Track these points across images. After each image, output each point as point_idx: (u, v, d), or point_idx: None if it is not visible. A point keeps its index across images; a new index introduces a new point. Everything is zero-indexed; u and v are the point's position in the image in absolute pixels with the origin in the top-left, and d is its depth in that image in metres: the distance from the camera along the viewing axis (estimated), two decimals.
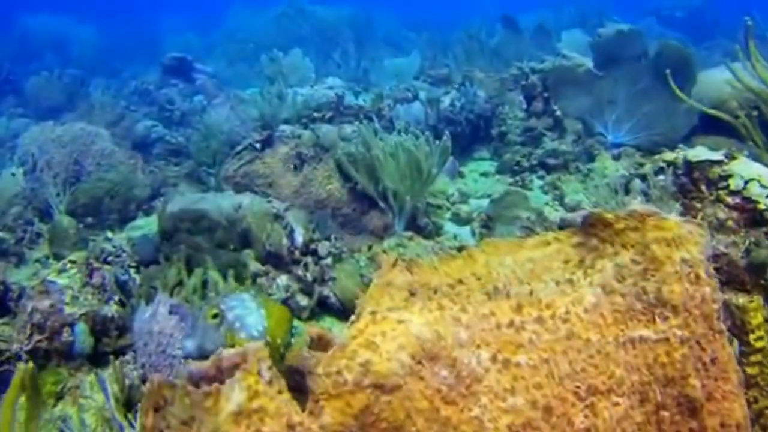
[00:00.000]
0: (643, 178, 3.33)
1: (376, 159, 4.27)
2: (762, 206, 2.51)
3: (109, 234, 4.68)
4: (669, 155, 2.99)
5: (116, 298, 3.37)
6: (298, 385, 1.38)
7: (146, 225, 5.28)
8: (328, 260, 3.71)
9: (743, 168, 2.62)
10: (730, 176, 2.63)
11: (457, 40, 8.40)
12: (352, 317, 1.43)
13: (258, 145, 4.69)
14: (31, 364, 2.96)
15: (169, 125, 7.35)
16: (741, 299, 2.37)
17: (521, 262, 1.71)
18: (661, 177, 2.99)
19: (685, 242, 1.61)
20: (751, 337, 2.29)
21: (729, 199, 2.62)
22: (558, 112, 5.40)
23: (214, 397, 1.21)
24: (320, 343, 2.11)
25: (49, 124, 6.18)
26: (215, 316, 1.62)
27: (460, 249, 4.23)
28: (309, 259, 3.71)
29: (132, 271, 3.87)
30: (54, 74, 9.06)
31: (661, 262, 1.59)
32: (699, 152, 2.78)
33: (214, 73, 9.40)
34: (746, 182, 2.56)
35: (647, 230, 1.62)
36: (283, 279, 3.69)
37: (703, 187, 2.76)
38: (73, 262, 3.36)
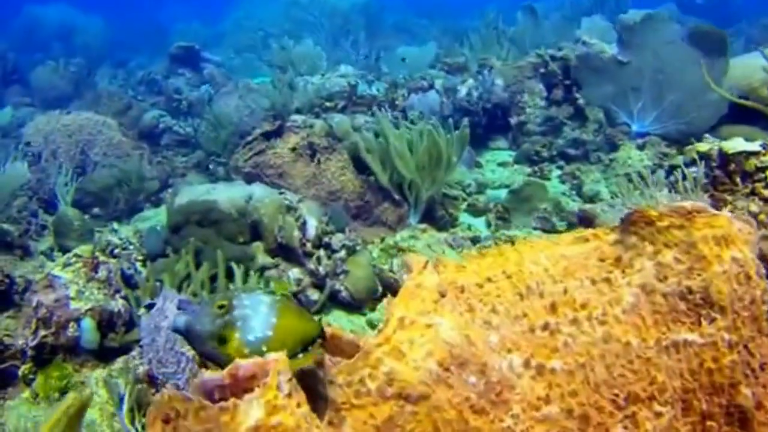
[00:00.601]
0: (672, 169, 3.21)
1: (393, 148, 4.15)
2: None
3: (116, 226, 4.57)
4: (703, 146, 2.87)
5: (122, 292, 3.26)
6: (308, 389, 1.26)
7: (154, 216, 5.18)
8: (342, 253, 3.59)
9: None
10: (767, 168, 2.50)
11: (472, 27, 8.24)
12: (380, 325, 1.30)
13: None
14: (87, 391, 2.88)
15: (177, 115, 7.24)
16: None
17: (555, 260, 1.58)
18: (693, 169, 2.86)
19: (736, 240, 1.49)
20: None
21: (766, 192, 2.49)
22: (580, 101, 5.25)
23: (231, 412, 1.10)
24: (333, 343, 1.99)
25: (54, 113, 6.08)
26: (221, 306, 1.53)
27: (474, 240, 4.17)
28: (322, 252, 3.59)
29: (139, 264, 3.77)
30: (60, 64, 8.96)
31: (708, 261, 1.47)
32: (735, 143, 2.65)
33: (221, 62, 9.29)
34: None
35: (695, 228, 1.49)
36: (294, 272, 3.59)
37: (738, 180, 2.63)
38: (78, 255, 3.26)
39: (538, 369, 1.34)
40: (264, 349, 1.38)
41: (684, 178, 2.83)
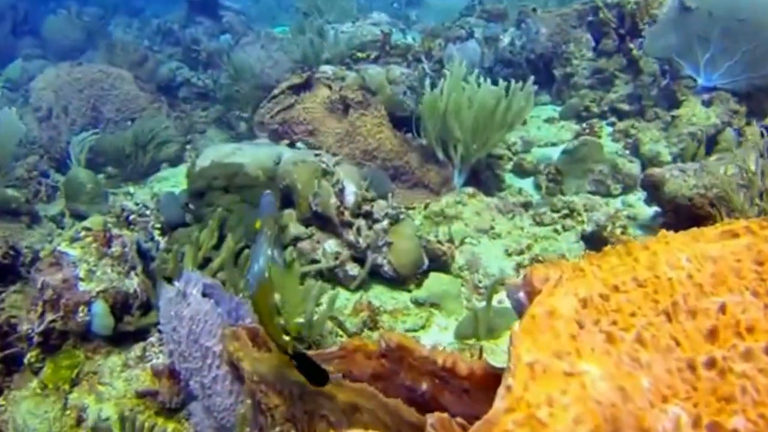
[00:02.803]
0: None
1: (452, 103, 3.72)
2: None
3: (131, 189, 4.21)
4: None
5: (138, 269, 2.88)
6: None
7: (172, 177, 4.84)
8: (384, 223, 3.18)
9: None
10: None
11: None
12: (507, 378, 0.89)
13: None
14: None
15: (195, 67, 6.85)
16: None
17: (699, 262, 1.18)
18: None
19: None
20: None
21: None
22: (634, 51, 4.76)
23: None
24: (398, 354, 1.62)
25: (65, 65, 5.69)
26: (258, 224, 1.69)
27: (525, 205, 3.77)
28: (362, 222, 3.19)
29: (156, 233, 3.42)
30: (72, 13, 8.56)
31: None
32: None
33: (242, 10, 8.82)
34: None
35: None
36: (331, 244, 3.20)
37: None
38: (87, 229, 2.87)
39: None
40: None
41: None
